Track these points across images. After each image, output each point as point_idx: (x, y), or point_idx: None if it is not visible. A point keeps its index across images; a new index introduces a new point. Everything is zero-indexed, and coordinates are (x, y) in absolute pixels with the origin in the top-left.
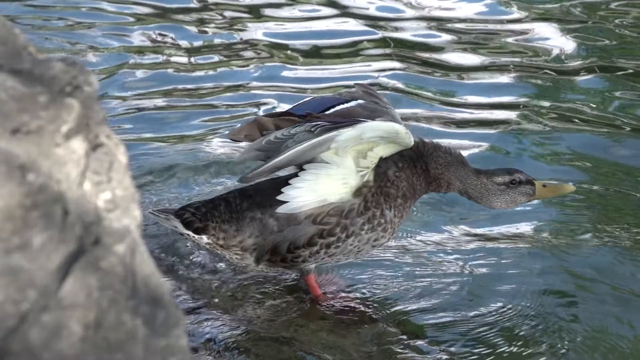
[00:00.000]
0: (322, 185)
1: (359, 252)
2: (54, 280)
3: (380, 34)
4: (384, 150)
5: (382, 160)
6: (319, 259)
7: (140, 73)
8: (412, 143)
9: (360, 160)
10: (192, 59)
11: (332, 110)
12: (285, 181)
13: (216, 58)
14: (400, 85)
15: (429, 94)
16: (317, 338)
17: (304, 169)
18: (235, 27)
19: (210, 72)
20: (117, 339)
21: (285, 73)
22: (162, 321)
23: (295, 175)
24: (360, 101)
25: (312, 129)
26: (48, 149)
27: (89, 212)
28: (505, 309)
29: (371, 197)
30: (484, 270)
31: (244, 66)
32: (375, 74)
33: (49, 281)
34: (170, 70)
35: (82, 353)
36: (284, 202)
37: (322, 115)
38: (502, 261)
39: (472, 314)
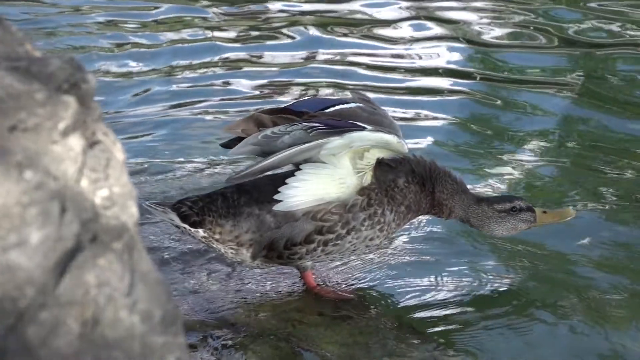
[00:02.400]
0: (319, 185)
1: (354, 251)
2: (51, 278)
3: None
4: (380, 153)
5: (392, 168)
6: (316, 257)
7: (185, 49)
8: (407, 151)
9: (357, 161)
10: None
11: (331, 109)
12: (283, 178)
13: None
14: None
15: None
16: (315, 333)
17: (300, 169)
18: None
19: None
20: (114, 336)
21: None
22: (159, 319)
23: (292, 174)
24: (359, 104)
25: (308, 130)
26: (45, 146)
27: (87, 209)
28: (507, 305)
29: (375, 195)
30: (485, 265)
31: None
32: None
33: (46, 278)
34: (216, 43)
35: (80, 350)
36: (281, 200)
37: (320, 114)
38: (508, 254)
39: (472, 308)
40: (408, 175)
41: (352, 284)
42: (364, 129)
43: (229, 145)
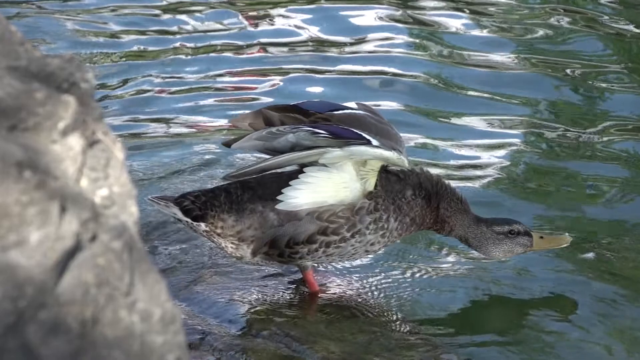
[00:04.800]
0: (322, 188)
1: (354, 255)
2: (51, 277)
3: None
4: (383, 161)
5: (400, 180)
6: (316, 258)
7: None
8: (407, 165)
9: (360, 167)
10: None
11: (340, 112)
12: (288, 176)
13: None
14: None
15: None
16: (315, 331)
17: (304, 172)
18: None
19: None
20: (114, 335)
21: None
22: (159, 318)
23: (296, 176)
24: (367, 113)
25: (313, 135)
26: (45, 145)
27: (86, 208)
28: (509, 307)
29: (382, 201)
30: (488, 267)
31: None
32: None
33: (46, 278)
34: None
35: (80, 350)
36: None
37: (329, 116)
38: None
39: (474, 309)
40: (415, 189)
41: (353, 283)
42: (367, 142)
43: (229, 144)
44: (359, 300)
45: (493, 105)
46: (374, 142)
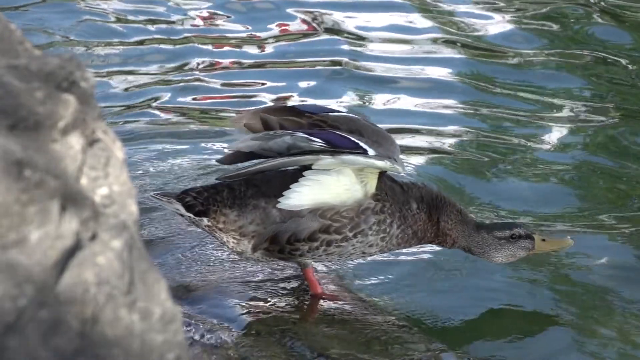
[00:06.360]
0: (323, 190)
1: (351, 255)
2: (51, 276)
3: None
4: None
5: (404, 191)
6: (317, 256)
7: None
8: (402, 171)
9: (358, 171)
10: None
11: (336, 113)
12: (293, 174)
13: None
14: None
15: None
16: (316, 330)
17: (304, 175)
18: None
19: None
20: (114, 334)
21: None
22: (159, 317)
23: (301, 175)
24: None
25: (309, 141)
26: (45, 144)
27: (86, 207)
28: (509, 307)
29: (389, 205)
30: (490, 268)
31: None
32: None
33: (46, 277)
34: None
35: (79, 348)
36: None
37: (326, 118)
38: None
39: (474, 309)
40: (418, 202)
41: (354, 282)
42: (364, 152)
43: (223, 161)
44: (360, 299)
45: (528, 101)
46: (370, 151)
